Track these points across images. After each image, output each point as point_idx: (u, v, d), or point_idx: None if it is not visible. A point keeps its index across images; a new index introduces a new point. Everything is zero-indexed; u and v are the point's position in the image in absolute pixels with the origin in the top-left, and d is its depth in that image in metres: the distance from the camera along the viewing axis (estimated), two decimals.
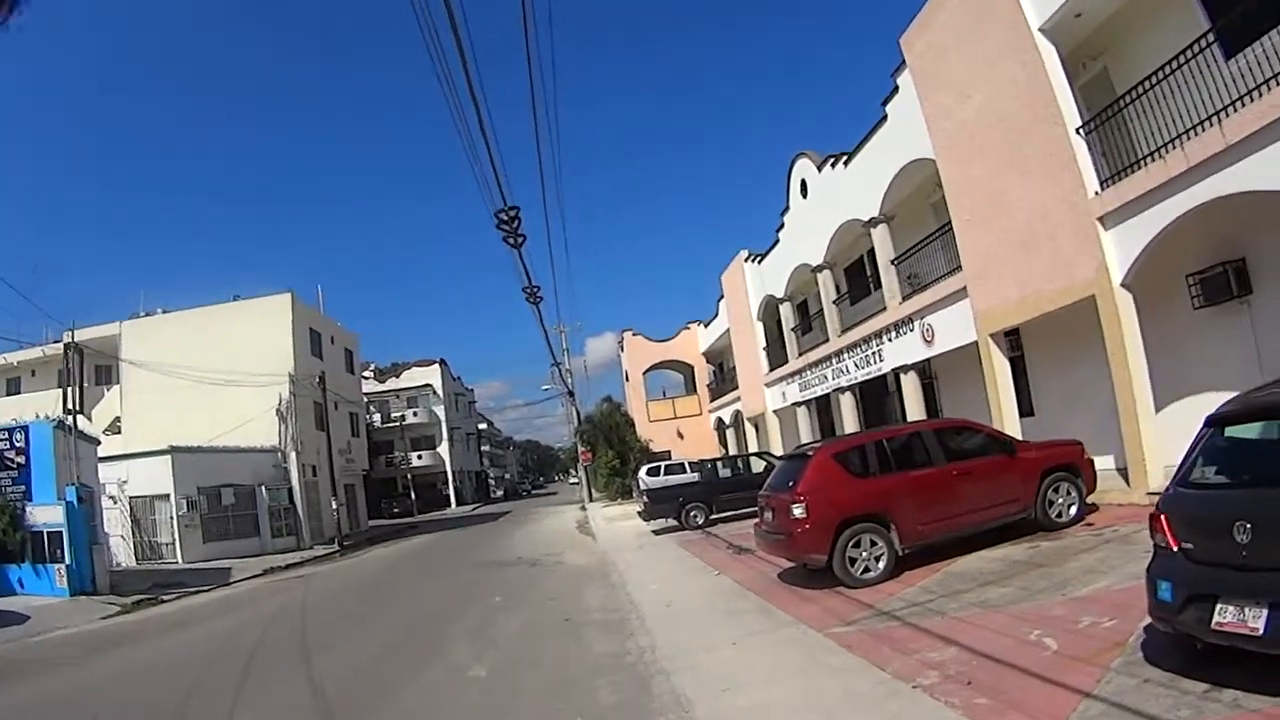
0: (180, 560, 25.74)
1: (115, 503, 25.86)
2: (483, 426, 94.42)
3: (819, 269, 21.52)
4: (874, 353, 18.69)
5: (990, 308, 13.21)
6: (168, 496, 26.52)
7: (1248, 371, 10.13)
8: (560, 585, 13.39)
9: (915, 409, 16.91)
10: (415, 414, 63.96)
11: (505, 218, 10.44)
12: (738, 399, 34.07)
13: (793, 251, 23.71)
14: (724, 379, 39.30)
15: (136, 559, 26.06)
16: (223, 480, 28.51)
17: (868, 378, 19.71)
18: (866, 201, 17.58)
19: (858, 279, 22.09)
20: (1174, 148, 9.38)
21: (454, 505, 61.25)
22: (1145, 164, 9.84)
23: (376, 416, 62.35)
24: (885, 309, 17.68)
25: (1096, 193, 10.59)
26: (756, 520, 10.65)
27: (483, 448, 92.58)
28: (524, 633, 9.80)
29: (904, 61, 15.00)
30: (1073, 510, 9.79)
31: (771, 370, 28.06)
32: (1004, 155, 12.29)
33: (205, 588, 19.64)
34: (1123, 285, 10.37)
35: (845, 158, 18.85)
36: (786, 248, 24.47)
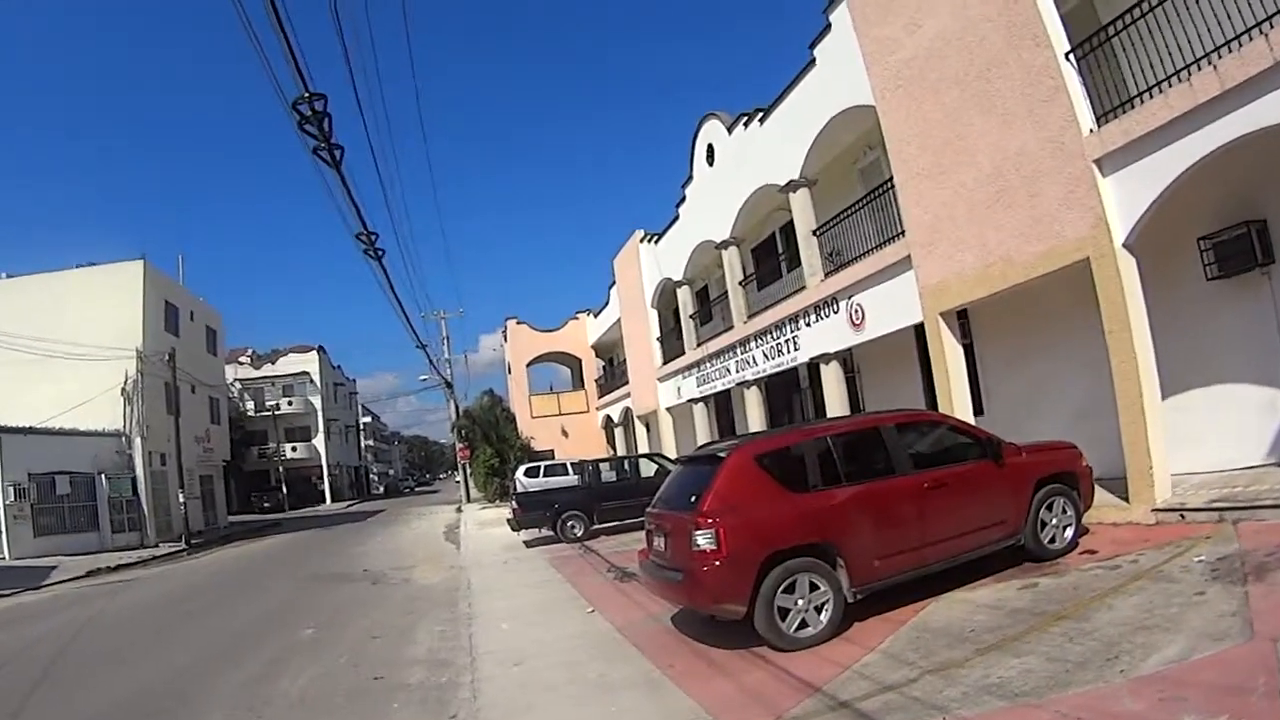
0: (8, 555, 23.32)
1: None
2: (366, 420, 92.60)
3: (725, 245, 19.25)
4: (788, 340, 16.52)
5: (942, 280, 11.12)
6: None
7: (1268, 357, 8.39)
8: (393, 615, 10.75)
9: (837, 405, 14.80)
10: (291, 403, 60.77)
11: (310, 111, 7.35)
12: (628, 395, 31.68)
13: (695, 227, 21.39)
14: (614, 374, 36.94)
15: None
16: (58, 467, 25.73)
17: (778, 370, 17.55)
18: (786, 163, 15.37)
19: (767, 260, 20.01)
20: (1200, 68, 7.45)
21: (329, 501, 58.35)
22: (1163, 89, 7.86)
23: (250, 405, 59.78)
24: (804, 288, 15.51)
25: (1092, 130, 8.58)
26: (642, 546, 8.05)
27: (366, 442, 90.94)
28: (311, 699, 6.95)
29: None
30: (1068, 533, 7.75)
31: (666, 363, 25.74)
32: (966, 91, 10.22)
33: (9, 591, 17.50)
34: (1125, 246, 8.39)
35: (761, 115, 16.62)
36: (688, 223, 22.13)
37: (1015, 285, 9.86)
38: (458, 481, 51.92)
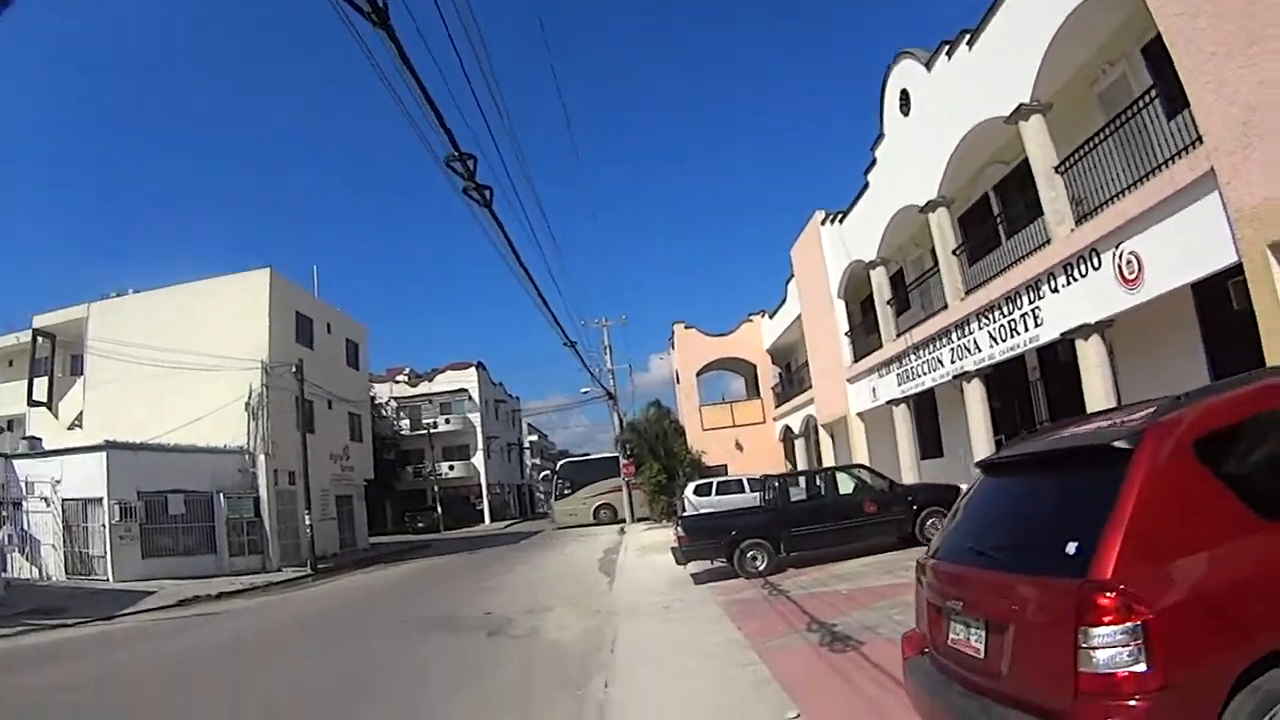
0: (111, 578, 23.20)
1: (48, 505, 23.92)
2: (533, 438, 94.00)
3: (931, 206, 16.67)
4: (1026, 314, 13.74)
5: (1270, 198, 8.26)
6: (101, 501, 23.87)
7: None
8: (489, 698, 8.08)
9: (1100, 396, 11.92)
10: (448, 421, 61.91)
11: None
12: (810, 401, 29.40)
13: (890, 193, 19.03)
14: (793, 379, 34.93)
15: (66, 572, 23.81)
16: (172, 485, 25.73)
17: (1010, 354, 14.75)
18: (1009, 87, 12.84)
19: (979, 228, 17.33)
20: None
21: (488, 520, 58.97)
22: None
23: (406, 423, 61.65)
24: (1048, 242, 12.78)
25: None
26: (915, 633, 4.48)
27: (533, 460, 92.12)
28: None
29: None
30: None
31: (857, 360, 23.27)
32: None
33: (79, 620, 16.88)
34: None
35: (969, 36, 14.15)
36: (881, 190, 19.78)
37: None
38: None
